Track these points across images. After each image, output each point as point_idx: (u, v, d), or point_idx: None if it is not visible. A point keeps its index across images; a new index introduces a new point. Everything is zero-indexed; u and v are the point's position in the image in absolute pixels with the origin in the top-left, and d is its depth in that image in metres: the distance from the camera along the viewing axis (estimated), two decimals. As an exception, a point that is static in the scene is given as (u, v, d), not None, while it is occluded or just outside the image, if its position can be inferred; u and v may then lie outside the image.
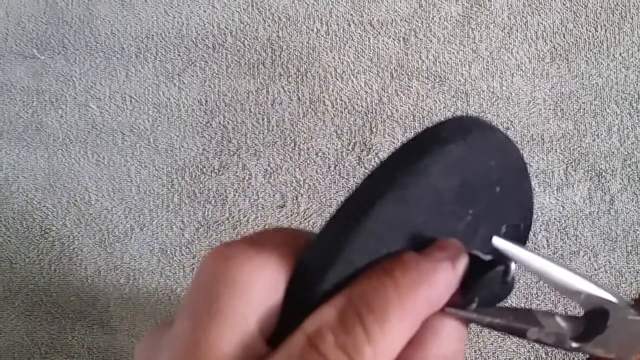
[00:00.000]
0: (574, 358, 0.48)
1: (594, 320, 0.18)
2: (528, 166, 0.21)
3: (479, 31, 0.50)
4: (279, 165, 0.50)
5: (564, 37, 0.50)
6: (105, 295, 0.50)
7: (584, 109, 0.49)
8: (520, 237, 0.22)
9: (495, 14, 0.50)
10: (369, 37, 0.50)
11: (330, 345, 0.15)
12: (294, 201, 0.50)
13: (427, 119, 0.50)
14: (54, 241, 0.50)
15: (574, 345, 0.18)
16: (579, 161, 0.49)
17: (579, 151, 0.49)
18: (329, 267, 0.16)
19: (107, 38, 0.51)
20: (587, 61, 0.50)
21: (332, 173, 0.50)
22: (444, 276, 0.17)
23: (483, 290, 0.18)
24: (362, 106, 0.50)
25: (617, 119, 0.49)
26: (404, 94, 0.50)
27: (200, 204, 0.50)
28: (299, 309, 0.16)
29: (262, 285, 0.16)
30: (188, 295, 0.17)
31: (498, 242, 0.18)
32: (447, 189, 0.18)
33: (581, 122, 0.49)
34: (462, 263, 0.17)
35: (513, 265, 0.18)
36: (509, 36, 0.50)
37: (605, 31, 0.50)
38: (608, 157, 0.49)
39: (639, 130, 0.49)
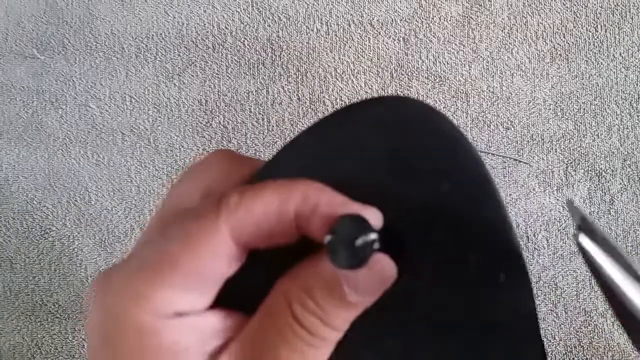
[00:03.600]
0: (573, 358, 0.48)
1: None
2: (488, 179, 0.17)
3: (479, 31, 0.50)
4: (279, 165, 0.50)
5: (564, 37, 0.50)
6: (106, 295, 0.50)
7: (584, 109, 0.49)
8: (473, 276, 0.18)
9: (495, 14, 0.50)
10: (369, 37, 0.50)
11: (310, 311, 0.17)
12: (294, 201, 0.50)
13: (427, 119, 0.50)
14: (54, 241, 0.50)
15: None
16: (579, 161, 0.49)
17: (579, 151, 0.49)
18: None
19: (107, 38, 0.51)
20: (587, 61, 0.50)
21: (332, 173, 0.50)
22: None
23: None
24: (362, 106, 0.50)
25: (617, 119, 0.49)
26: (404, 94, 0.50)
27: (201, 204, 0.50)
28: None
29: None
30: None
31: (584, 240, 0.16)
32: (373, 147, 0.18)
33: (581, 122, 0.49)
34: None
35: (372, 236, 0.16)
36: (509, 36, 0.50)
37: (605, 31, 0.50)
38: (608, 157, 0.49)
39: (639, 130, 0.49)
